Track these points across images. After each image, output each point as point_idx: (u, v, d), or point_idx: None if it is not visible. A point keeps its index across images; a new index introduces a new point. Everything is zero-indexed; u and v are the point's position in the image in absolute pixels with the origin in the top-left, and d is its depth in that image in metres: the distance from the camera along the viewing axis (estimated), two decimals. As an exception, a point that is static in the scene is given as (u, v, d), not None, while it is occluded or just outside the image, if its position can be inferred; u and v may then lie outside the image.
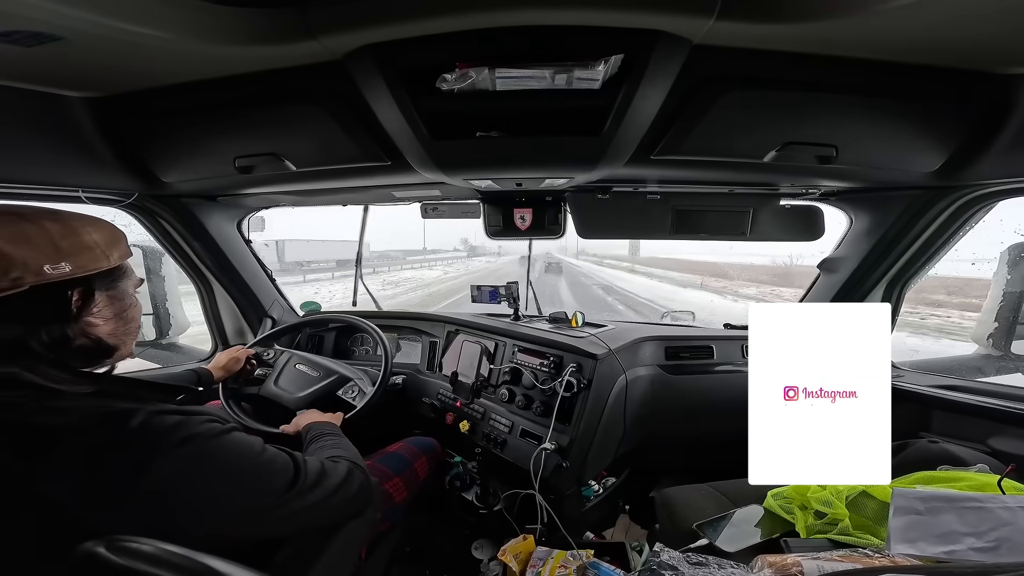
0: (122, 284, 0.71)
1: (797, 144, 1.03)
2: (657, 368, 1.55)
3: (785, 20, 0.72)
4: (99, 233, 0.67)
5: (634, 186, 1.45)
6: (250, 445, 0.68)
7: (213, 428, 0.64)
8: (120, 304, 0.70)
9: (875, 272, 1.53)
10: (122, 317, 0.70)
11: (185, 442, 0.59)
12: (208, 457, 0.61)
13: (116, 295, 0.69)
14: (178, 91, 0.97)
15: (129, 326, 0.72)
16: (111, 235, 0.69)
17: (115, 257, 0.68)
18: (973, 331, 1.60)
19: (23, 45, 0.71)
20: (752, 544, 0.98)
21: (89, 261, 0.64)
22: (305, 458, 0.75)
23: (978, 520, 0.78)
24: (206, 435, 0.62)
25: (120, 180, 1.26)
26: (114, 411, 0.58)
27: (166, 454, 0.57)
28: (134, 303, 0.74)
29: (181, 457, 0.58)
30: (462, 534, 1.51)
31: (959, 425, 1.29)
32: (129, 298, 0.73)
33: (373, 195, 1.62)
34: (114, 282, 0.69)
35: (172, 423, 0.60)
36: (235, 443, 0.66)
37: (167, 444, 0.58)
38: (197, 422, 0.62)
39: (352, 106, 0.95)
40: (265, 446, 0.70)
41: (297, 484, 0.70)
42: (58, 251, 0.60)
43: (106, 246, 0.67)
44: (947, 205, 1.28)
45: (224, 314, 1.97)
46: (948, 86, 0.89)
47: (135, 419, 0.57)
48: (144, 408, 0.59)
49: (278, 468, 0.69)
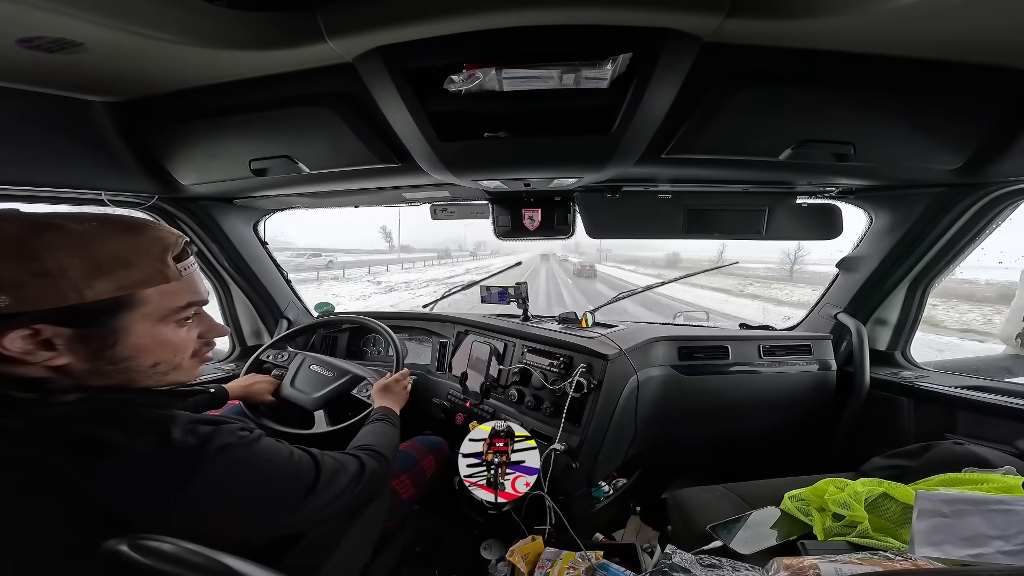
0: (115, 320, 0.57)
1: (813, 142, 1.01)
2: (670, 368, 1.53)
3: (797, 16, 0.71)
4: (81, 257, 0.53)
5: (644, 185, 1.44)
6: (278, 450, 0.69)
7: (244, 436, 0.64)
8: (99, 342, 0.56)
9: (897, 271, 1.50)
10: (104, 357, 0.57)
11: (221, 451, 0.59)
12: (242, 465, 0.62)
13: (94, 332, 0.56)
14: (194, 95, 0.99)
15: (125, 365, 0.59)
16: (107, 259, 0.54)
17: (100, 289, 0.54)
18: (1001, 331, 1.55)
19: (45, 51, 0.74)
20: (768, 547, 0.96)
21: (42, 295, 0.51)
22: (324, 455, 0.76)
23: (1006, 523, 0.76)
24: (239, 444, 0.62)
25: (140, 183, 1.29)
26: (150, 421, 0.57)
27: (206, 465, 0.57)
28: (134, 343, 0.58)
29: (218, 467, 0.59)
30: (471, 534, 1.51)
31: (985, 426, 1.25)
32: (121, 336, 0.57)
33: (384, 197, 1.63)
34: (97, 317, 0.55)
35: (208, 432, 0.59)
36: (265, 450, 0.67)
37: (206, 454, 0.58)
38: (229, 431, 0.62)
39: (362, 108, 0.97)
40: (292, 449, 0.72)
41: (319, 483, 0.71)
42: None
43: (84, 275, 0.53)
44: (972, 203, 1.25)
45: (241, 315, 2.01)
46: (969, 82, 0.87)
47: (176, 430, 0.56)
48: (180, 417, 0.58)
49: (304, 469, 0.71)
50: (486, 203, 1.67)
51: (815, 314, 1.81)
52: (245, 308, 2.00)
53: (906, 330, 1.59)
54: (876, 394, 1.52)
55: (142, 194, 1.40)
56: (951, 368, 1.53)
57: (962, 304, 8.90)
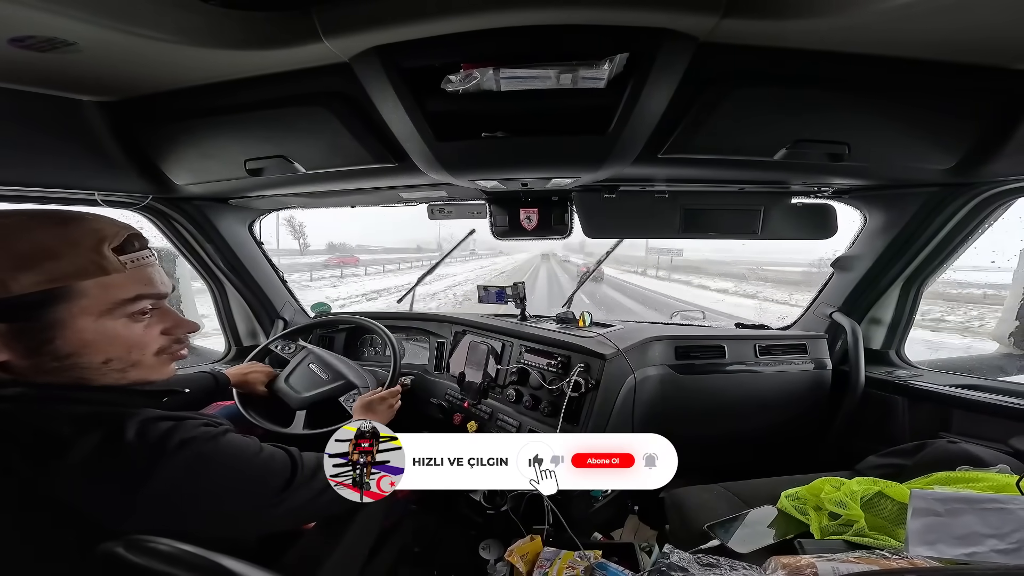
0: (50, 313, 0.55)
1: (808, 142, 1.02)
2: (667, 368, 1.54)
3: (793, 16, 0.71)
4: (1, 250, 0.53)
5: (641, 185, 1.44)
6: (246, 445, 0.68)
7: (208, 431, 0.63)
8: (37, 338, 0.55)
9: (891, 270, 1.51)
10: (45, 352, 0.56)
11: (183, 446, 0.58)
12: (207, 460, 0.61)
13: (28, 327, 0.55)
14: (189, 95, 0.98)
15: (71, 361, 0.57)
16: (31, 251, 0.54)
17: (25, 282, 0.53)
18: (994, 330, 1.57)
19: (38, 51, 0.73)
20: (765, 546, 0.96)
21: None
22: (302, 453, 0.75)
23: (1000, 521, 0.76)
24: (202, 438, 0.61)
25: (134, 183, 1.28)
26: (106, 420, 0.56)
27: (166, 461, 0.56)
28: (77, 337, 0.57)
29: (180, 462, 0.58)
30: (469, 535, 1.51)
31: (979, 425, 1.26)
32: (60, 330, 0.56)
33: (381, 196, 1.63)
34: (26, 311, 0.54)
35: (167, 429, 0.58)
36: (231, 444, 0.65)
37: (166, 451, 0.57)
38: (191, 426, 0.61)
39: (359, 108, 0.96)
40: (262, 445, 0.70)
41: (296, 480, 0.70)
42: None
43: (7, 269, 0.52)
44: (964, 203, 1.26)
45: (237, 315, 1.99)
46: (963, 82, 0.87)
47: (130, 428, 0.56)
48: (137, 415, 0.58)
49: (277, 466, 0.70)
50: (483, 203, 1.67)
51: (810, 313, 1.82)
52: (241, 309, 1.98)
53: (900, 329, 1.60)
54: (871, 393, 1.53)
55: (136, 194, 1.39)
56: (945, 367, 1.54)
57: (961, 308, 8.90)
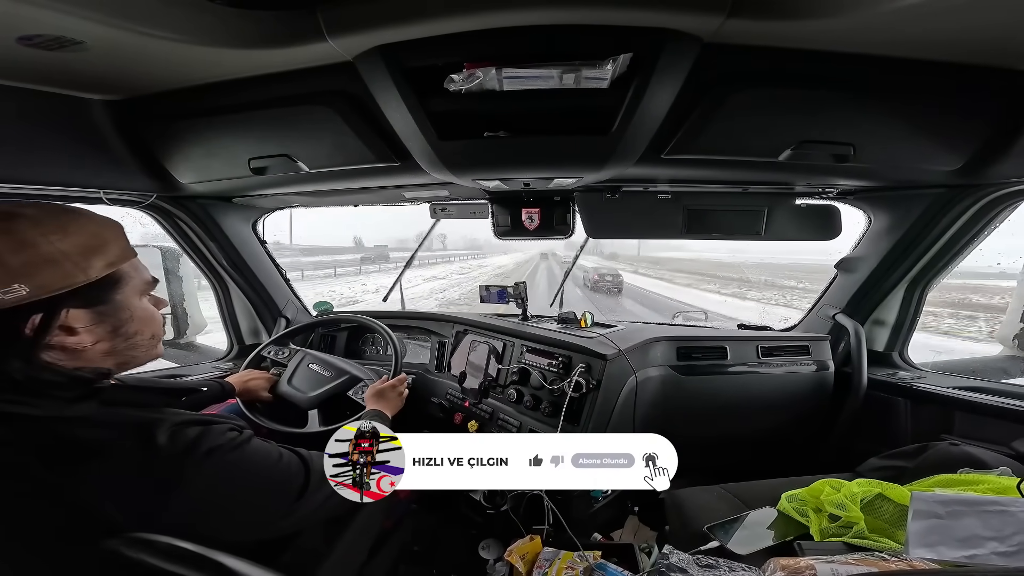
0: (116, 295, 0.61)
1: (813, 143, 1.01)
2: (668, 369, 1.53)
3: (798, 17, 0.71)
4: (70, 240, 0.55)
5: (644, 185, 1.44)
6: (268, 452, 0.69)
7: (234, 438, 0.64)
8: (115, 319, 0.60)
9: (895, 272, 1.50)
10: (120, 333, 0.61)
11: (210, 454, 0.59)
12: (232, 468, 0.62)
13: (107, 310, 0.60)
14: (193, 93, 0.99)
15: (133, 340, 0.63)
16: (90, 239, 0.58)
17: (98, 267, 0.58)
18: (998, 332, 1.56)
19: (45, 49, 0.74)
20: (765, 547, 0.96)
21: (55, 278, 0.53)
22: (312, 455, 0.76)
23: (1001, 524, 0.76)
24: (228, 446, 0.62)
25: (139, 181, 1.29)
26: (136, 425, 0.56)
27: (193, 469, 0.57)
28: (137, 316, 0.63)
29: (208, 470, 0.59)
30: (469, 534, 1.51)
31: (982, 427, 1.26)
32: (128, 310, 0.62)
33: (384, 196, 1.63)
34: (103, 294, 0.59)
35: (196, 435, 0.59)
36: (255, 452, 0.67)
37: (194, 458, 0.57)
38: (218, 432, 0.62)
39: (362, 107, 0.96)
40: (281, 451, 0.72)
41: (309, 485, 0.71)
42: (8, 271, 0.51)
43: (81, 255, 0.56)
44: (970, 204, 1.25)
45: (239, 313, 2.00)
46: (969, 83, 0.87)
47: (161, 434, 0.56)
48: (166, 420, 0.58)
49: (293, 472, 0.71)
50: (486, 203, 1.67)
51: (813, 315, 1.81)
52: (243, 307, 1.99)
53: (904, 331, 1.59)
54: (873, 395, 1.52)
55: (141, 192, 1.40)
56: (948, 369, 1.54)
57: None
